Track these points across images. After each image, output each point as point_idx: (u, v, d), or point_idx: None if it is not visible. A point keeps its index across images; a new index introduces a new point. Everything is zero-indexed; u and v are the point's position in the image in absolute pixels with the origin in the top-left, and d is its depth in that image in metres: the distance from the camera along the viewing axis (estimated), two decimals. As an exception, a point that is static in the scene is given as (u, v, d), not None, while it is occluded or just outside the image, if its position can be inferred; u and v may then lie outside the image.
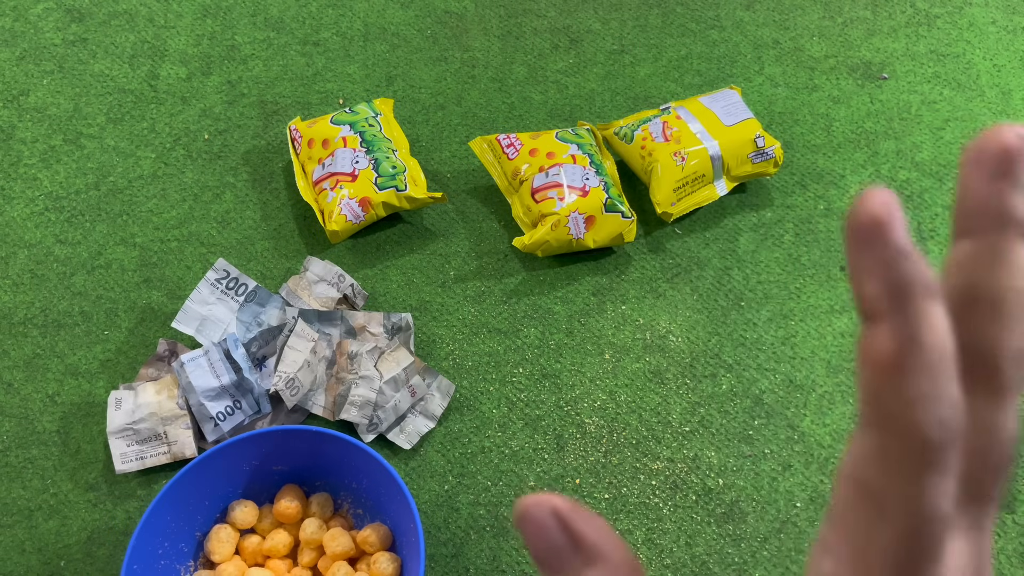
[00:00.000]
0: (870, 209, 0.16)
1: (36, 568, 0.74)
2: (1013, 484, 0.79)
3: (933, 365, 0.16)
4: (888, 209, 0.16)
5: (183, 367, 0.76)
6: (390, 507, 0.71)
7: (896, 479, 0.17)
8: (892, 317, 0.16)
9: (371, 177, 0.89)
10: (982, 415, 0.18)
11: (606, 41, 1.11)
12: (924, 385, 0.16)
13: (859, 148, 1.01)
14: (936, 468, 0.16)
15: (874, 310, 0.16)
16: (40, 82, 1.05)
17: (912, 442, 0.16)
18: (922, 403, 0.16)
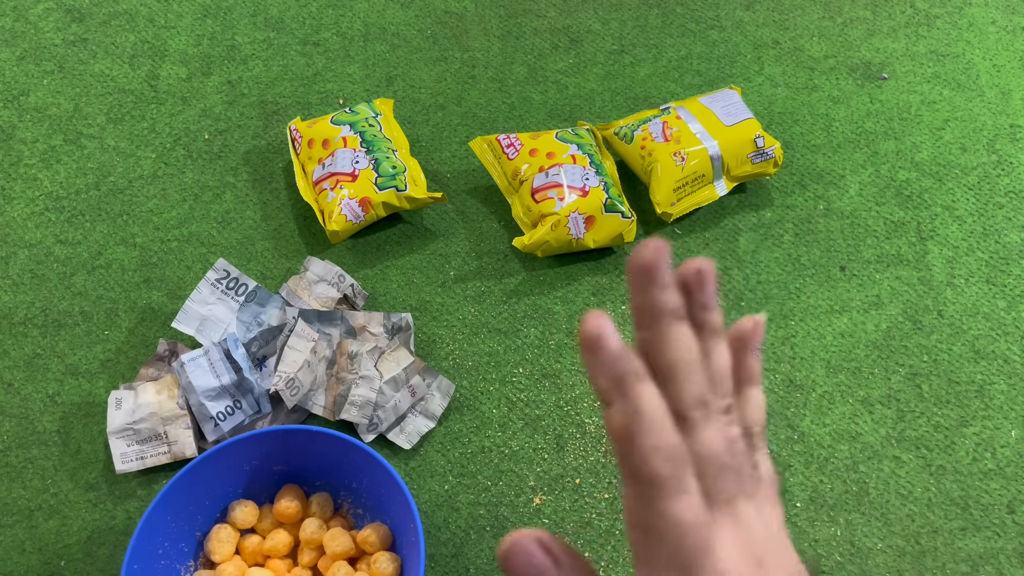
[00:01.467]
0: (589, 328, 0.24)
1: (36, 568, 0.74)
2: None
3: (651, 425, 0.23)
4: (601, 326, 0.24)
5: (183, 367, 0.76)
6: (390, 507, 0.71)
7: (652, 509, 0.24)
8: (618, 400, 0.24)
9: (371, 177, 0.89)
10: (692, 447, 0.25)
11: (606, 41, 1.11)
12: (649, 440, 0.23)
13: (859, 148, 1.01)
14: (673, 491, 0.23)
15: (606, 397, 0.24)
16: (40, 82, 1.05)
17: (651, 480, 0.23)
18: (650, 452, 0.23)
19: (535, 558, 0.24)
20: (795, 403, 0.83)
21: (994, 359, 0.86)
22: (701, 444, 0.25)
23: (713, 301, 0.27)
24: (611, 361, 0.24)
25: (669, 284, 0.25)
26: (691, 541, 0.24)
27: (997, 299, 0.90)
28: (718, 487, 0.25)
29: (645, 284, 0.25)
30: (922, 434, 0.81)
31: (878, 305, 0.89)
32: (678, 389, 0.25)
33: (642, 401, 0.24)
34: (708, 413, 0.26)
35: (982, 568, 0.75)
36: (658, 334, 0.25)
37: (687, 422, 0.25)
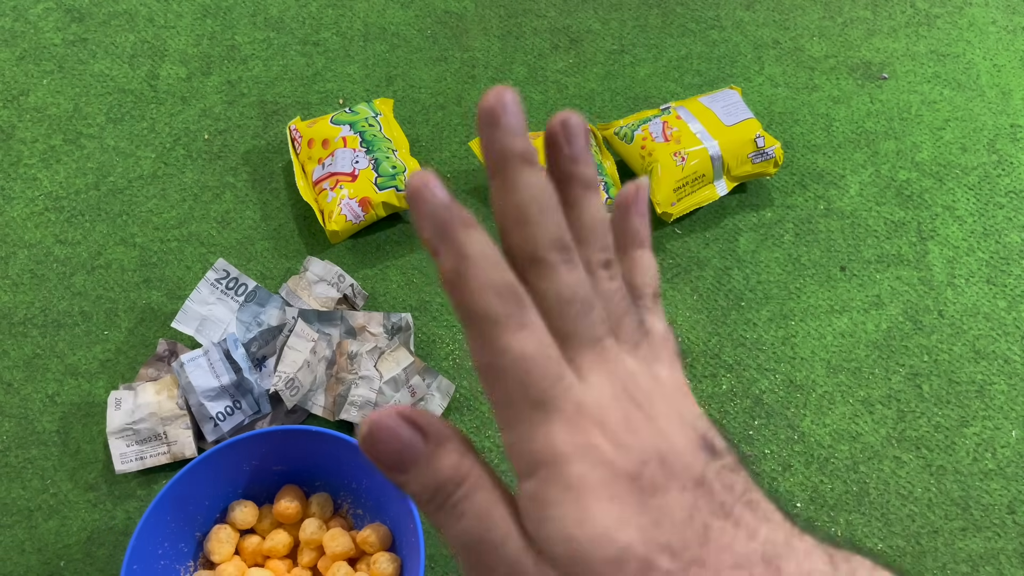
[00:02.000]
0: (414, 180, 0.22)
1: (36, 568, 0.74)
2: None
3: (479, 263, 0.22)
4: (425, 177, 0.22)
5: (183, 367, 0.76)
6: (390, 507, 0.71)
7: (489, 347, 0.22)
8: (444, 248, 0.22)
9: (371, 177, 0.89)
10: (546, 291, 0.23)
11: (606, 41, 1.11)
12: (479, 280, 0.22)
13: (859, 148, 1.01)
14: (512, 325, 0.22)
15: (432, 247, 0.22)
16: (40, 82, 1.05)
17: (484, 317, 0.22)
18: (480, 291, 0.22)
19: (400, 433, 0.22)
20: (795, 403, 0.83)
21: (994, 359, 0.86)
22: (557, 284, 0.23)
23: (584, 154, 0.26)
24: (435, 210, 0.22)
25: (516, 129, 0.23)
26: (539, 372, 0.22)
27: (998, 299, 0.90)
28: (579, 326, 0.23)
29: (489, 129, 0.23)
30: (922, 434, 0.81)
31: (878, 305, 0.89)
32: (529, 230, 0.23)
33: (469, 244, 0.22)
34: (570, 259, 0.24)
35: (982, 568, 0.74)
36: (504, 180, 0.23)
37: (541, 264, 0.23)
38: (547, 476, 0.22)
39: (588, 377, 0.23)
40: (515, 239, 0.24)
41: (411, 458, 0.23)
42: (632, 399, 0.23)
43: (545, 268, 0.23)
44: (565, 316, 0.23)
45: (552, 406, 0.22)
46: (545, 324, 0.23)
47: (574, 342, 0.23)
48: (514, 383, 0.22)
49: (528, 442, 0.22)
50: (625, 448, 0.22)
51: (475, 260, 0.22)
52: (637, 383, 0.24)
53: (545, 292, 0.23)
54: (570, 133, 0.25)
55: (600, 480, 0.21)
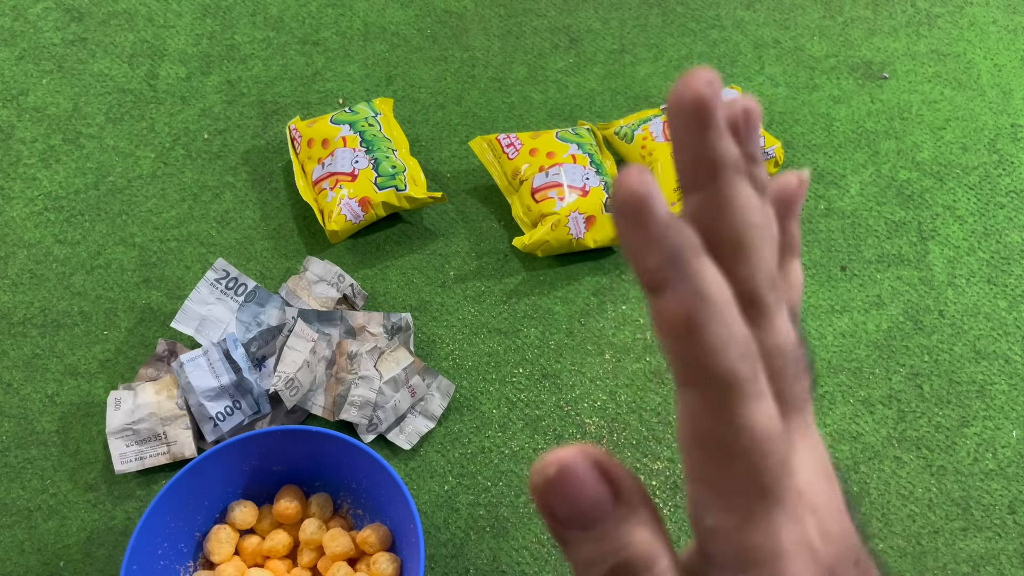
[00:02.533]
0: (633, 187, 0.17)
1: (35, 568, 0.74)
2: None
3: (721, 313, 0.17)
4: (647, 185, 0.17)
5: (182, 367, 0.76)
6: (390, 507, 0.71)
7: (725, 419, 0.18)
8: (675, 283, 0.17)
9: (371, 177, 0.89)
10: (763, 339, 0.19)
11: (606, 40, 1.11)
12: (721, 332, 0.17)
13: (859, 148, 1.01)
14: (753, 396, 0.18)
15: (657, 281, 0.18)
16: (39, 82, 1.05)
17: (726, 383, 0.18)
18: (723, 347, 0.17)
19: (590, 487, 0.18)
20: (796, 403, 0.83)
21: (995, 359, 0.86)
22: (775, 336, 0.20)
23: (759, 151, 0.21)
24: (663, 231, 0.17)
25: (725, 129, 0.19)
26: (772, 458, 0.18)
27: (998, 299, 0.89)
28: (795, 392, 0.20)
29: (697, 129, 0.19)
30: (923, 434, 0.81)
31: (879, 305, 0.89)
32: (749, 265, 0.19)
33: (707, 281, 0.17)
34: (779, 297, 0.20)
35: (983, 568, 0.74)
36: (719, 194, 0.19)
37: (760, 307, 0.20)
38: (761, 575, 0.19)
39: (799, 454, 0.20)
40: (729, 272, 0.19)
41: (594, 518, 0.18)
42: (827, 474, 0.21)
43: (762, 311, 0.20)
44: (784, 377, 0.20)
45: (778, 496, 0.19)
46: None
47: (787, 408, 0.20)
48: (746, 466, 0.18)
49: (747, 535, 0.19)
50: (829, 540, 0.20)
51: (717, 305, 0.17)
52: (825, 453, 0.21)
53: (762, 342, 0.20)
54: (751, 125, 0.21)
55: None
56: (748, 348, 0.18)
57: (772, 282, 0.20)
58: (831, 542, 0.20)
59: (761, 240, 0.19)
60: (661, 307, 0.18)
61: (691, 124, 0.19)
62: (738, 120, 0.20)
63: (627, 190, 0.17)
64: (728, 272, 0.19)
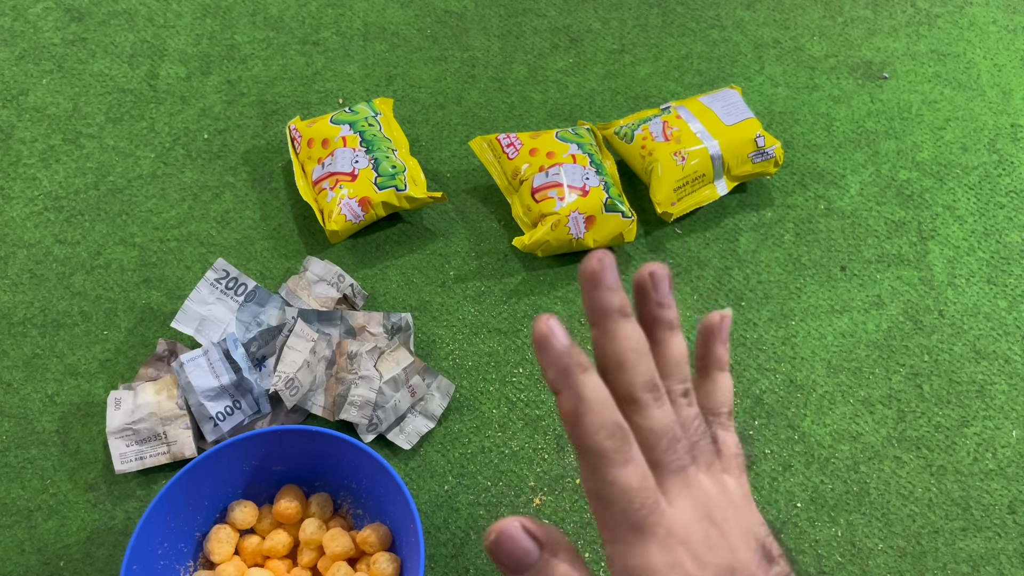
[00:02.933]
0: (540, 327, 0.27)
1: (35, 568, 0.74)
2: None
3: (595, 407, 0.26)
4: (549, 326, 0.27)
5: (182, 367, 0.76)
6: (390, 507, 0.71)
7: (600, 478, 0.27)
8: (565, 389, 0.27)
9: (371, 177, 0.89)
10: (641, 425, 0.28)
11: (606, 40, 1.11)
12: (593, 419, 0.26)
13: (859, 148, 1.01)
14: (617, 461, 0.26)
15: (555, 387, 0.27)
16: (39, 82, 1.05)
17: (597, 453, 0.26)
18: (594, 429, 0.26)
19: (520, 542, 0.27)
20: (795, 403, 0.83)
21: (995, 359, 0.86)
22: (651, 421, 0.28)
23: (667, 299, 0.31)
24: (557, 355, 0.26)
25: (613, 287, 0.28)
26: (638, 503, 0.26)
27: (998, 299, 0.89)
28: (668, 458, 0.28)
29: (592, 288, 0.28)
30: (923, 434, 0.81)
31: (879, 305, 0.89)
32: (627, 375, 0.28)
33: (585, 387, 0.26)
34: (659, 396, 0.28)
35: (983, 569, 0.74)
36: (605, 330, 0.28)
37: (637, 404, 0.28)
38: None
39: (675, 502, 0.28)
40: (616, 383, 0.28)
41: (528, 563, 0.27)
42: (710, 519, 0.28)
43: (640, 406, 0.28)
44: (657, 448, 0.28)
45: (648, 531, 0.27)
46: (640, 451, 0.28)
47: (664, 471, 0.28)
48: (618, 510, 0.27)
49: (627, 558, 0.27)
50: (703, 565, 0.27)
51: (590, 403, 0.26)
52: (713, 503, 0.29)
53: (640, 426, 0.28)
54: (657, 282, 0.30)
55: None
56: (615, 429, 0.26)
57: (647, 386, 0.28)
58: (707, 567, 0.27)
59: (635, 359, 0.28)
60: (559, 405, 0.27)
61: (587, 285, 0.28)
62: (644, 281, 0.30)
63: (537, 328, 0.27)
64: (614, 381, 0.28)
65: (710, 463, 0.30)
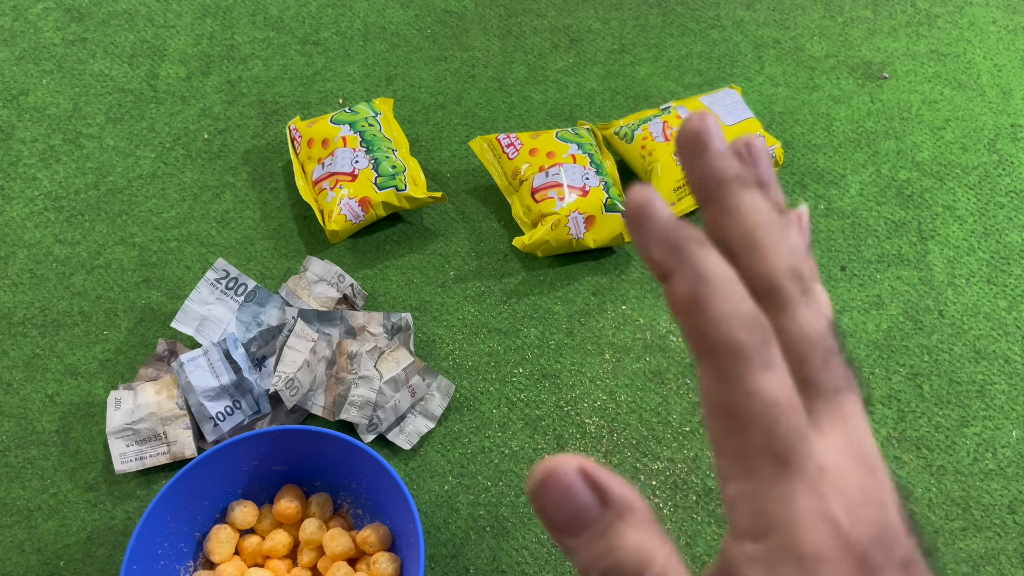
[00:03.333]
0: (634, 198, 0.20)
1: (36, 568, 0.74)
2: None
3: (722, 288, 0.19)
4: (647, 195, 0.20)
5: (182, 367, 0.76)
6: (390, 507, 0.71)
7: (734, 386, 0.19)
8: (678, 268, 0.20)
9: (371, 177, 0.89)
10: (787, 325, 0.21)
11: (606, 41, 1.11)
12: (723, 304, 0.19)
13: (859, 148, 1.01)
14: (759, 364, 0.19)
15: (664, 270, 0.20)
16: (40, 82, 1.05)
17: (731, 349, 0.19)
18: (726, 318, 0.19)
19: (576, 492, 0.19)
20: (796, 403, 0.83)
21: (995, 359, 0.86)
22: (801, 322, 0.21)
23: (772, 176, 0.23)
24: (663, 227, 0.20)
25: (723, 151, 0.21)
26: (785, 425, 0.19)
27: (998, 299, 0.89)
28: (822, 375, 0.21)
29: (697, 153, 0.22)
30: (923, 434, 0.81)
31: (879, 305, 0.89)
32: (761, 256, 0.21)
33: (707, 263, 0.20)
34: (808, 289, 0.21)
35: (983, 568, 0.74)
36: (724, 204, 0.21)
37: (779, 295, 0.21)
38: (780, 543, 0.19)
39: (828, 435, 0.21)
40: (746, 267, 0.21)
41: (584, 523, 0.20)
42: (867, 464, 0.21)
43: (784, 300, 0.21)
44: (809, 360, 0.21)
45: (795, 465, 0.19)
46: None
47: (815, 392, 0.21)
48: (758, 432, 0.19)
49: (763, 500, 0.19)
50: (859, 522, 0.20)
51: (717, 282, 0.19)
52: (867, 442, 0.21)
53: (785, 328, 0.21)
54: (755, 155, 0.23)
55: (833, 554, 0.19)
56: (752, 320, 0.19)
57: (791, 273, 0.21)
58: (862, 525, 0.20)
59: (771, 236, 0.21)
60: (670, 291, 0.20)
61: (689, 150, 0.22)
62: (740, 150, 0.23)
63: (632, 200, 0.20)
64: (745, 268, 0.21)
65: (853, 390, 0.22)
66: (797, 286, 0.21)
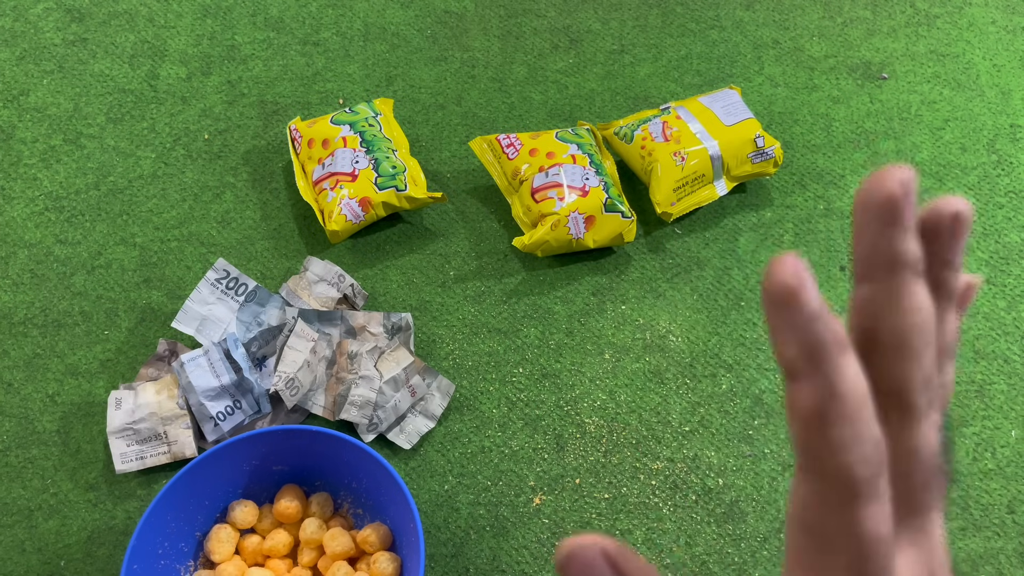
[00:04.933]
0: (782, 277, 0.18)
1: (36, 568, 0.74)
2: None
3: (852, 412, 0.18)
4: (798, 276, 0.18)
5: (183, 367, 0.76)
6: (390, 507, 0.71)
7: (835, 515, 0.19)
8: (811, 374, 0.18)
9: (371, 177, 0.89)
10: (902, 440, 0.20)
11: (606, 41, 1.11)
12: (846, 431, 0.18)
13: (859, 148, 1.01)
14: (868, 499, 0.18)
15: (794, 369, 0.18)
16: (40, 82, 1.05)
17: (843, 481, 0.18)
18: (846, 447, 0.18)
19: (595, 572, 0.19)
20: (795, 403, 0.83)
21: (994, 359, 0.86)
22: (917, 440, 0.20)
23: (961, 258, 0.21)
24: (807, 323, 0.18)
25: (912, 228, 0.19)
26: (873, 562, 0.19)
27: (997, 299, 0.90)
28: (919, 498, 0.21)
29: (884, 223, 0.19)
30: (922, 434, 0.81)
31: (878, 305, 0.89)
32: (907, 366, 0.20)
33: (844, 379, 0.18)
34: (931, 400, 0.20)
35: (982, 568, 0.74)
36: (891, 292, 0.19)
37: (908, 409, 0.20)
38: None
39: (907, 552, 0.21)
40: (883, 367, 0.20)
41: None
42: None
43: (909, 414, 0.20)
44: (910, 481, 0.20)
45: None
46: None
47: (908, 509, 0.21)
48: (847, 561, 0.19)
49: None
50: None
51: (848, 403, 0.18)
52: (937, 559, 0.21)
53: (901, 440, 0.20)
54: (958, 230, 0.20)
55: None
56: (874, 451, 0.18)
57: (926, 385, 0.20)
58: None
59: (923, 344, 0.20)
60: (795, 395, 0.18)
61: (877, 219, 0.19)
62: (942, 223, 0.20)
63: (779, 279, 0.18)
64: (883, 369, 0.20)
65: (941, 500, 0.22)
66: (926, 399, 0.20)
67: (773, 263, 0.18)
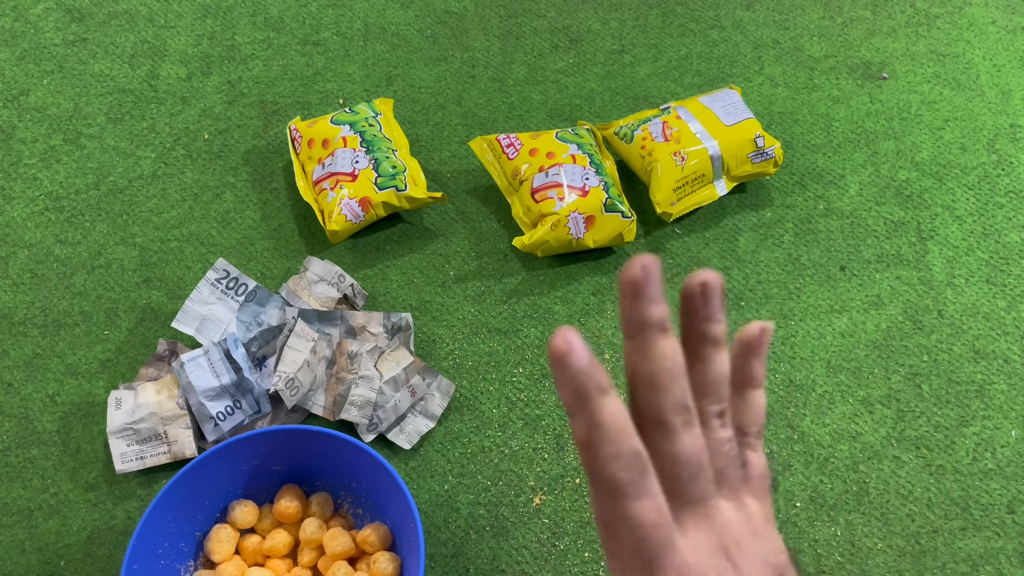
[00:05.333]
0: (556, 344, 0.25)
1: (36, 568, 0.74)
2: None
3: (611, 436, 0.25)
4: (567, 342, 0.25)
5: (183, 367, 0.76)
6: (390, 507, 0.71)
7: (613, 510, 0.26)
8: (580, 412, 0.25)
9: (371, 177, 0.89)
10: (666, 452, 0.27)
11: (606, 41, 1.11)
12: (609, 449, 0.25)
13: (859, 148, 1.01)
14: (636, 495, 0.25)
15: (570, 409, 0.26)
16: (40, 82, 1.05)
17: (612, 484, 0.25)
18: (609, 460, 0.25)
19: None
20: (795, 403, 0.83)
21: (994, 359, 0.86)
22: (676, 447, 0.27)
23: (716, 313, 0.28)
24: (575, 375, 0.25)
25: (655, 298, 0.26)
26: (651, 541, 0.25)
27: (997, 299, 0.90)
28: (689, 489, 0.27)
29: (632, 298, 0.26)
30: (922, 434, 0.81)
31: (878, 305, 0.89)
32: (658, 396, 0.26)
33: (602, 414, 0.25)
34: (690, 420, 0.27)
35: (982, 568, 0.75)
36: (641, 345, 0.27)
37: (665, 427, 0.27)
38: None
39: (690, 534, 0.27)
40: (644, 401, 0.27)
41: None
42: (726, 552, 0.27)
43: (667, 430, 0.27)
44: (679, 477, 0.27)
45: (659, 567, 0.26)
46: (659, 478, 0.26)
47: (683, 501, 0.27)
48: (629, 545, 0.26)
49: None
50: None
51: (606, 429, 0.25)
52: (730, 533, 0.27)
53: (664, 452, 0.27)
54: (708, 294, 0.28)
55: None
56: (632, 460, 0.25)
57: (677, 408, 0.27)
58: None
59: (669, 380, 0.26)
60: (573, 429, 0.26)
61: (629, 295, 0.26)
62: (694, 291, 0.28)
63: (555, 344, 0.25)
64: (643, 400, 0.27)
65: (736, 488, 0.29)
66: (680, 418, 0.27)
67: (553, 335, 0.25)
